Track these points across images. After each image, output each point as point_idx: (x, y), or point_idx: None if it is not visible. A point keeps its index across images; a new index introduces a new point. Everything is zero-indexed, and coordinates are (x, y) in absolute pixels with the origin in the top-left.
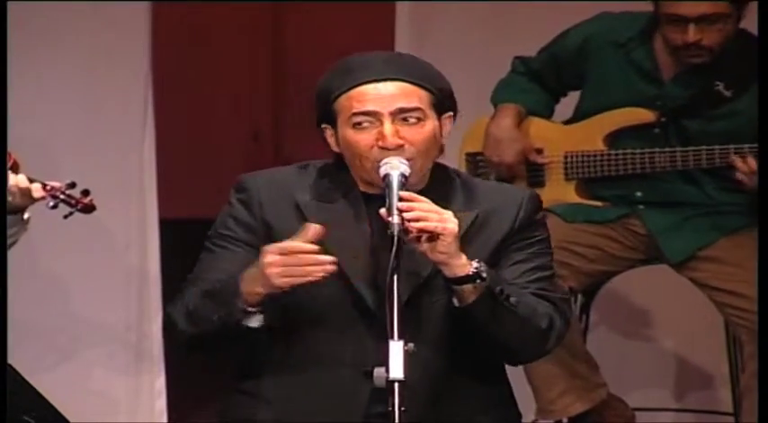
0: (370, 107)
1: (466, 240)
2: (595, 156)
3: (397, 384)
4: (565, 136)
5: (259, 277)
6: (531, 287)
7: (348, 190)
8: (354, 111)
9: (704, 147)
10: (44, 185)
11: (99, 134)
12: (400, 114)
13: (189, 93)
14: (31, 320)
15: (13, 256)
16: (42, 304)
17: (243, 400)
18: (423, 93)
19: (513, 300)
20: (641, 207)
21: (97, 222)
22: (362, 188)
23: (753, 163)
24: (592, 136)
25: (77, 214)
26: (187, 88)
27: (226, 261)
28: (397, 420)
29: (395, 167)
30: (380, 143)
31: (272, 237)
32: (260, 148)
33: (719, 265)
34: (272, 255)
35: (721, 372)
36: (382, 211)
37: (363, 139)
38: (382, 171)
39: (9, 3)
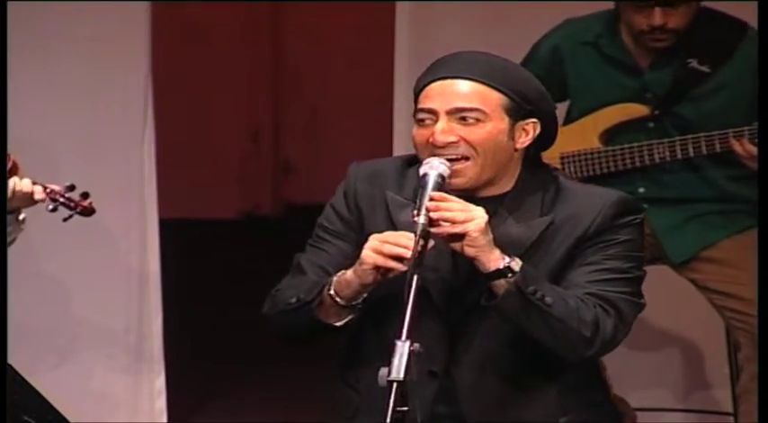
0: (429, 104)
1: (538, 245)
2: (593, 154)
3: (396, 384)
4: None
5: (347, 277)
6: (592, 287)
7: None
8: (419, 107)
9: (702, 134)
10: (44, 188)
11: (99, 134)
12: (457, 113)
13: (189, 93)
14: (31, 321)
15: (12, 256)
16: (42, 305)
17: (341, 386)
18: (494, 95)
19: (548, 299)
20: (645, 206)
21: (97, 223)
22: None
23: (750, 147)
24: (586, 135)
25: (77, 216)
26: (187, 88)
27: (322, 253)
28: (391, 420)
29: (434, 168)
30: (430, 139)
31: (364, 228)
32: (259, 149)
33: (720, 266)
34: (372, 238)
35: (722, 372)
36: (415, 211)
37: (422, 134)
38: (422, 171)
39: (9, 3)
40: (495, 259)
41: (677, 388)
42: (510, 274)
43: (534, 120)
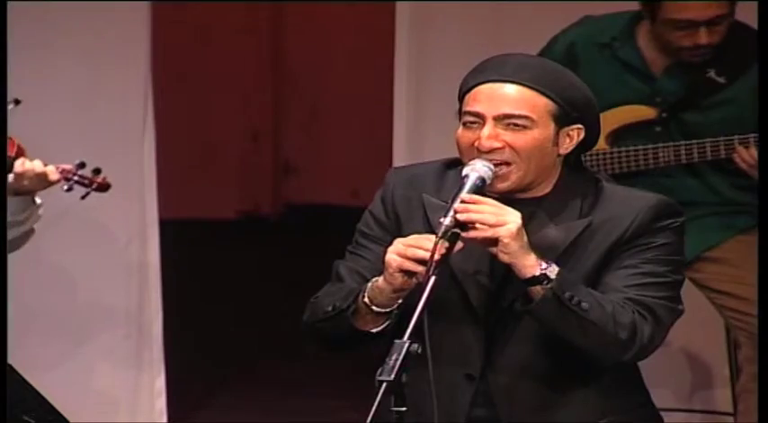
0: (477, 108)
1: (575, 247)
2: (598, 154)
3: (384, 385)
4: None
5: (378, 284)
6: (629, 292)
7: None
8: (465, 109)
9: (708, 139)
10: (56, 168)
11: (99, 134)
12: (505, 119)
13: (189, 93)
14: (31, 320)
15: (12, 256)
16: (42, 304)
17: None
18: (542, 101)
19: (584, 305)
20: None
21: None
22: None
23: (755, 152)
24: None
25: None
26: (187, 88)
27: (360, 259)
28: (370, 419)
29: (476, 170)
30: (476, 144)
31: (402, 232)
32: (259, 149)
33: (721, 266)
34: (397, 241)
35: (722, 372)
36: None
37: (467, 137)
38: (464, 171)
39: (9, 3)
40: (531, 266)
41: (677, 388)
42: (546, 281)
43: (579, 126)
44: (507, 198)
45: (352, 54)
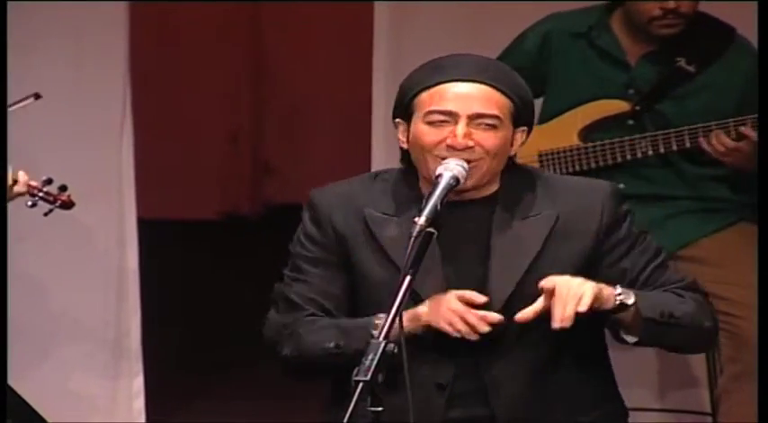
0: (449, 107)
1: (550, 241)
2: (571, 150)
3: (361, 384)
4: (535, 137)
5: (419, 313)
6: (669, 287)
7: (416, 202)
8: (433, 108)
9: (686, 127)
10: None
11: (77, 134)
12: (477, 119)
13: (168, 93)
14: (9, 320)
15: None
16: (20, 304)
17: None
18: (505, 101)
19: (677, 314)
20: None
21: (76, 222)
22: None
23: (725, 140)
24: (565, 132)
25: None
26: (166, 89)
27: (307, 285)
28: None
29: (449, 169)
30: (449, 141)
31: (347, 249)
32: (238, 150)
33: (699, 265)
34: (456, 302)
35: (701, 372)
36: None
37: (434, 134)
38: (438, 170)
39: None
40: (608, 298)
41: (656, 388)
42: (624, 307)
43: (525, 127)
44: (459, 200)
45: (331, 54)
